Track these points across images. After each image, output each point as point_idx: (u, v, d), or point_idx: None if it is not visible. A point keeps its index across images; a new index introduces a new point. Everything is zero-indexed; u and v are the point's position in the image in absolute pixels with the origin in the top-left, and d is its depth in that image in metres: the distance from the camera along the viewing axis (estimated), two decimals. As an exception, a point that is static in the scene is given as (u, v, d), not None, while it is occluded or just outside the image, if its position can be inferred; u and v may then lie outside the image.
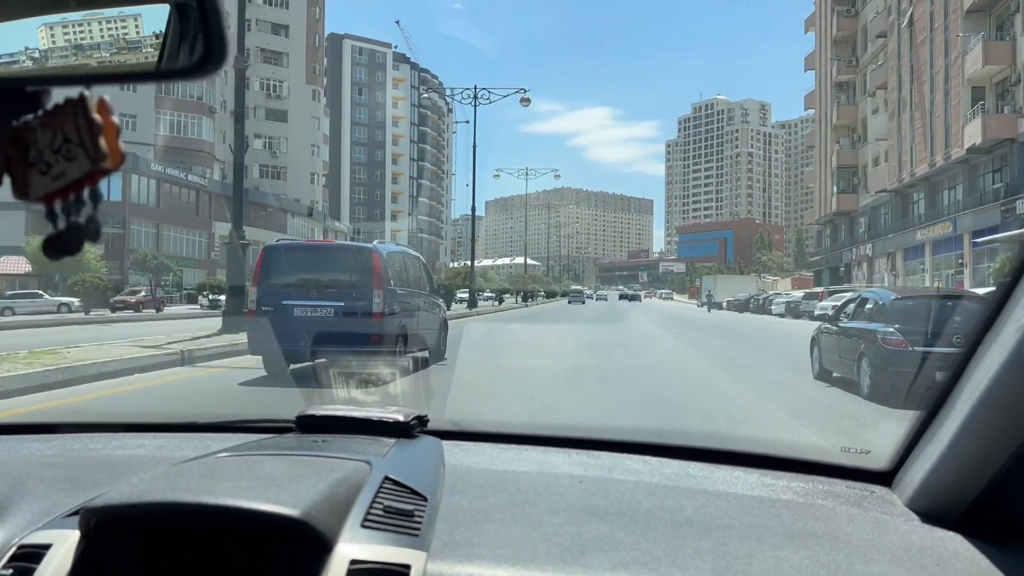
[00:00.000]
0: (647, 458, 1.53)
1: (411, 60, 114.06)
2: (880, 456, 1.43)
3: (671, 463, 1.49)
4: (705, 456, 1.54)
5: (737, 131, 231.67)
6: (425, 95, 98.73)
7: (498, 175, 58.70)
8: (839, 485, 1.39)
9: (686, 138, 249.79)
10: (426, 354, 10.98)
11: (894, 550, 1.09)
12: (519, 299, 64.32)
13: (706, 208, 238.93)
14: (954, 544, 1.08)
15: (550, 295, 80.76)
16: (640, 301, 75.28)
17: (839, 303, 13.68)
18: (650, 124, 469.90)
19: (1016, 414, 1.01)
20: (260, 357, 9.66)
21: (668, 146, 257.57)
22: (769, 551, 1.04)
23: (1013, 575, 0.99)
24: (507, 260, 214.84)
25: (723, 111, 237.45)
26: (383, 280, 9.52)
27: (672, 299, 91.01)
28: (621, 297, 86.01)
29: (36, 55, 0.74)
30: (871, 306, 9.56)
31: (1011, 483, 1.07)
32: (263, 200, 61.16)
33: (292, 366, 9.48)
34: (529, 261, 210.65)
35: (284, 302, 9.50)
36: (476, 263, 39.50)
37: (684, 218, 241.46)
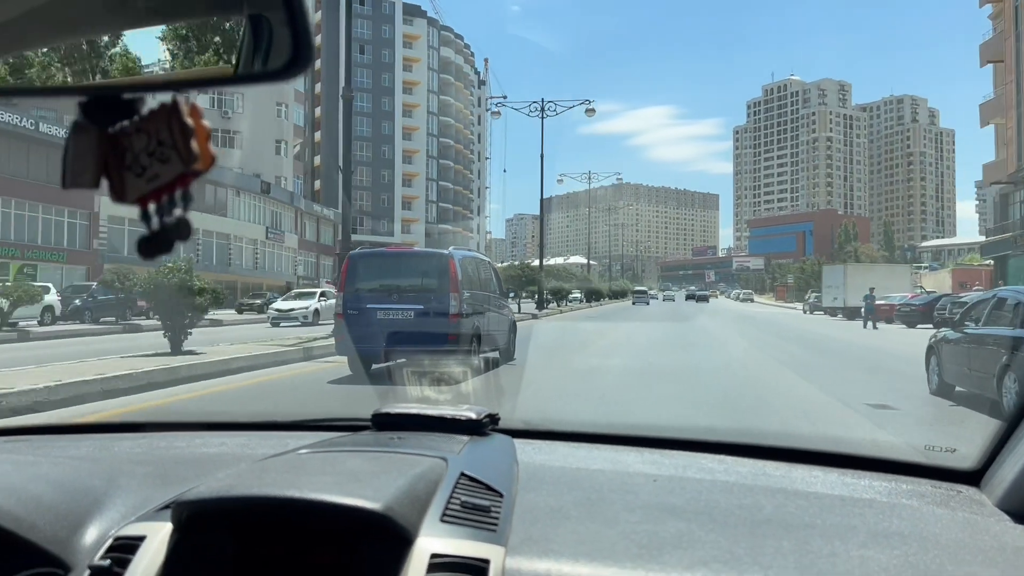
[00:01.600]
0: (722, 457, 1.58)
1: (429, 15, 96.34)
2: (966, 455, 1.46)
3: (747, 462, 1.54)
4: (781, 455, 1.58)
5: (814, 114, 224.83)
6: (453, 58, 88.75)
7: (562, 180, 58.51)
8: (924, 484, 1.40)
9: (756, 124, 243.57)
10: (496, 354, 12.04)
11: (987, 551, 1.09)
12: (583, 299, 62.48)
13: (780, 200, 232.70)
14: None
15: (614, 295, 77.06)
16: (707, 302, 73.60)
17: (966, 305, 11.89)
18: (712, 122, 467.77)
19: None
20: (346, 357, 10.83)
21: (736, 132, 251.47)
22: (854, 550, 1.05)
23: None
24: (560, 259, 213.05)
25: (797, 92, 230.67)
26: (459, 284, 10.54)
27: (752, 300, 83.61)
28: (687, 297, 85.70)
29: (130, 65, 0.81)
30: (1014, 307, 8.51)
31: None
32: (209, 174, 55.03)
33: (375, 366, 10.44)
34: (583, 260, 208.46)
35: (368, 306, 10.64)
36: (528, 263, 40.72)
37: (755, 211, 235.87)
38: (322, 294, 31.01)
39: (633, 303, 63.46)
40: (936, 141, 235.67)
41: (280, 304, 30.90)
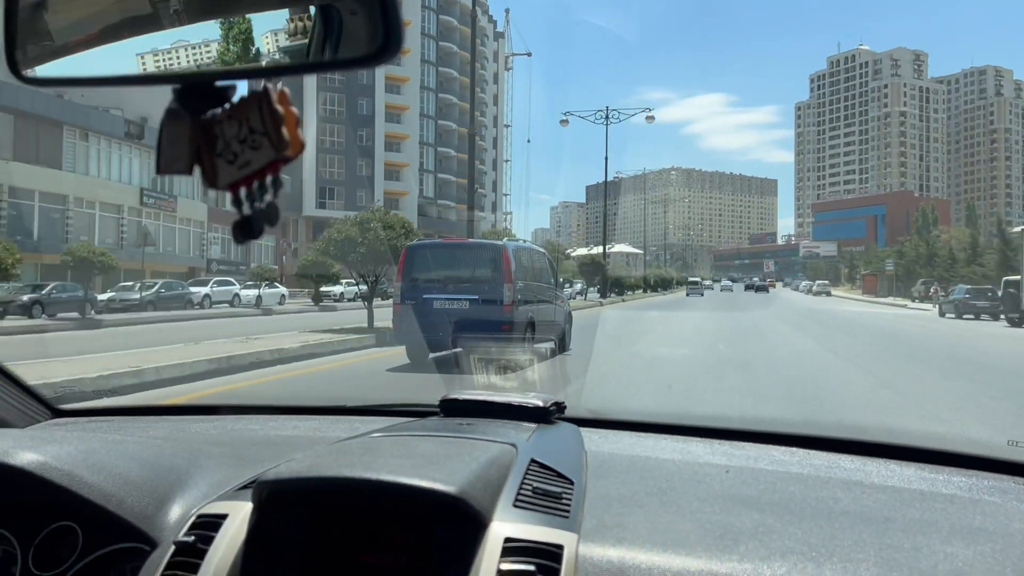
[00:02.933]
0: (794, 449, 1.56)
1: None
2: None
3: (820, 455, 1.53)
4: (855, 448, 1.56)
5: (886, 86, 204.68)
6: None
7: (566, 121, 51.78)
8: (1006, 481, 1.38)
9: (820, 99, 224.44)
10: (554, 343, 12.28)
11: None
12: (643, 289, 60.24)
13: (847, 182, 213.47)
14: None
15: (654, 286, 70.49)
16: (767, 292, 72.24)
17: None
18: (768, 109, 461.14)
19: None
20: (404, 346, 11.48)
21: (798, 109, 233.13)
22: (937, 545, 1.04)
23: None
24: (612, 248, 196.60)
25: (867, 63, 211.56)
26: (512, 274, 11.04)
27: (829, 293, 70.99)
28: (747, 287, 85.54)
29: (222, 53, 0.82)
30: None
31: None
32: (34, 108, 35.50)
33: (432, 354, 10.94)
34: (630, 249, 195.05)
35: (425, 296, 11.13)
36: (571, 252, 38.94)
37: (819, 194, 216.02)
38: (267, 284, 26.12)
39: (687, 294, 62.33)
40: (1023, 116, 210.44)
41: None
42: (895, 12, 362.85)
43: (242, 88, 0.75)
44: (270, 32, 0.80)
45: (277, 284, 36.96)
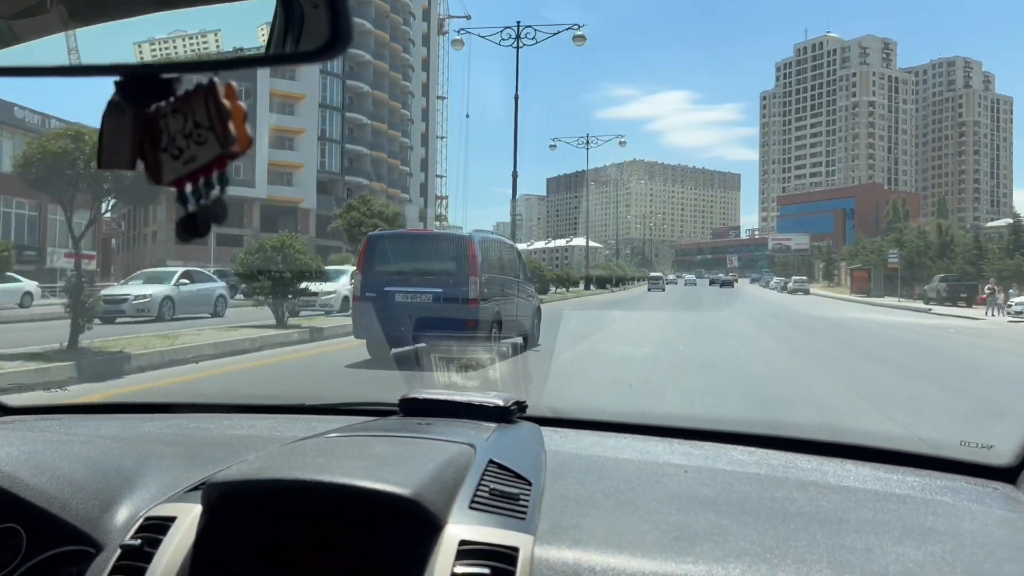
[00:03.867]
0: (752, 449, 1.57)
1: None
2: (1003, 452, 1.45)
3: (778, 455, 1.54)
4: (813, 448, 1.58)
5: (854, 75, 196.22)
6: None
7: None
8: (958, 481, 1.40)
9: (786, 88, 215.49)
10: (521, 340, 11.79)
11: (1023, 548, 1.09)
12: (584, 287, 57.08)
13: (813, 174, 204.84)
14: None
15: (606, 282, 66.34)
16: (732, 287, 71.50)
17: None
18: (731, 107, 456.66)
19: None
20: (364, 341, 11.00)
21: (764, 98, 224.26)
22: (888, 546, 1.05)
23: None
24: (563, 242, 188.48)
25: (835, 51, 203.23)
26: (478, 267, 10.46)
27: (808, 291, 60.70)
28: (712, 283, 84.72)
29: (167, 45, 0.80)
30: None
31: None
32: None
33: (394, 350, 10.31)
34: (593, 244, 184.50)
35: (386, 288, 10.51)
36: (526, 246, 35.29)
37: (784, 187, 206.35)
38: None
39: (649, 289, 62.83)
40: (992, 109, 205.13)
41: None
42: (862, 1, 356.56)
43: (187, 81, 0.73)
44: (216, 25, 0.80)
45: (19, 278, 24.17)
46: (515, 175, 34.77)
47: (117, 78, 0.75)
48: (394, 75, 72.95)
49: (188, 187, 0.73)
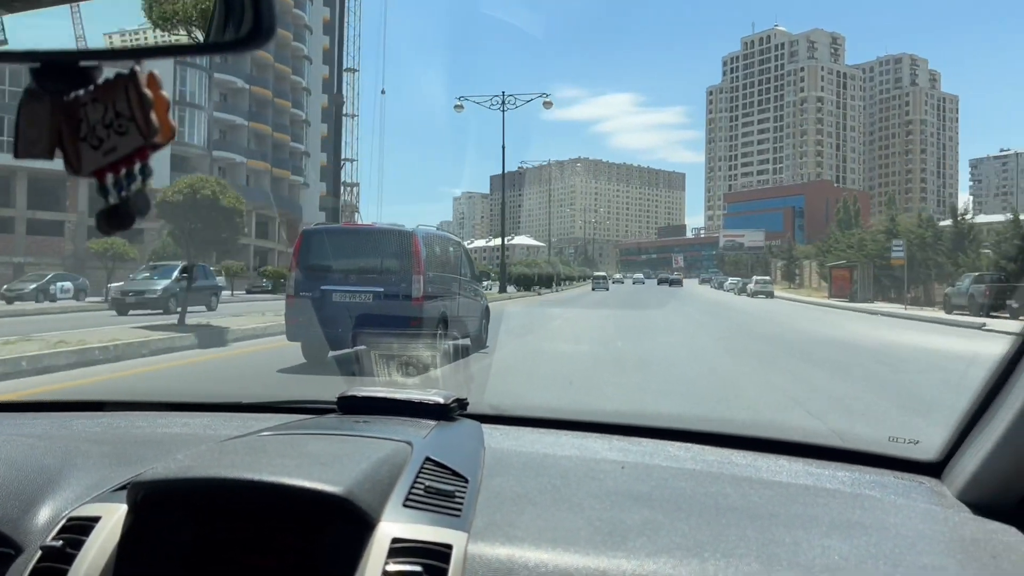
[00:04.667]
0: (689, 445, 1.59)
1: None
2: (929, 447, 1.49)
3: (714, 451, 1.57)
4: (748, 444, 1.61)
5: (802, 69, 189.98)
6: None
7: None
8: (887, 475, 1.44)
9: (733, 82, 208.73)
10: (467, 342, 11.28)
11: (946, 541, 1.13)
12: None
13: (760, 171, 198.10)
14: (1008, 536, 1.11)
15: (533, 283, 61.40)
16: (681, 286, 71.27)
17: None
18: (676, 110, 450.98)
19: None
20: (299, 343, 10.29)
21: (710, 93, 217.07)
22: (816, 540, 1.07)
23: None
24: (511, 239, 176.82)
25: (783, 45, 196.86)
26: (423, 264, 9.93)
27: (772, 294, 50.76)
28: (660, 282, 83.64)
29: (87, 31, 0.77)
30: None
31: None
32: None
33: (331, 353, 9.83)
34: (531, 241, 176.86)
35: (323, 287, 9.87)
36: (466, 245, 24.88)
37: (731, 185, 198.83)
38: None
39: (593, 288, 60.83)
40: (938, 108, 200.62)
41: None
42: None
43: (108, 70, 0.71)
44: (138, 12, 0.79)
45: None
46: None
47: (34, 65, 0.72)
48: (283, 33, 60.73)
49: (109, 178, 0.71)
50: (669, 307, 29.61)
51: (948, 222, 41.43)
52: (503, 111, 40.72)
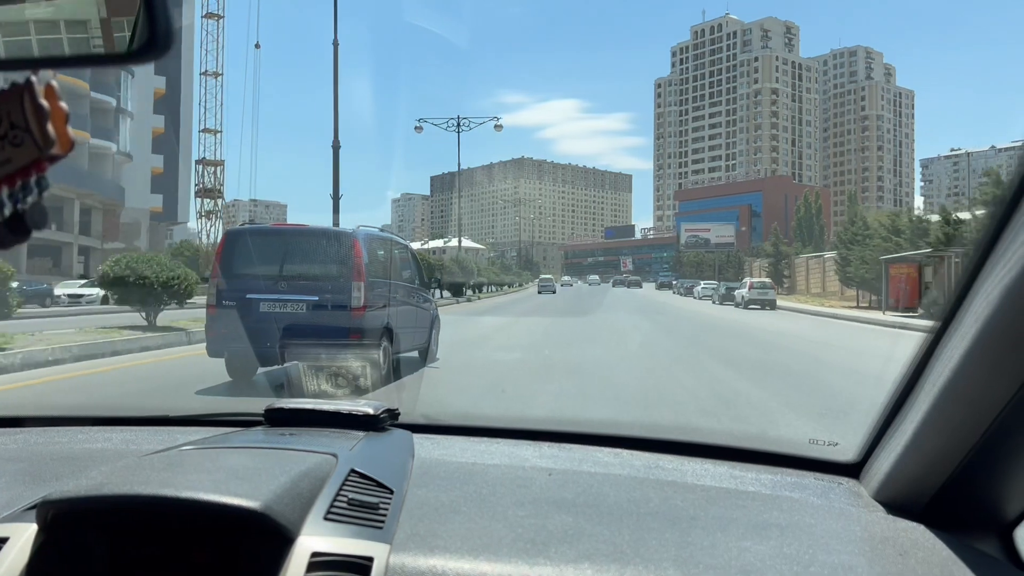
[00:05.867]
0: (618, 451, 1.62)
1: None
2: (848, 448, 1.52)
3: (642, 455, 1.59)
4: (676, 449, 1.64)
5: (756, 59, 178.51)
6: None
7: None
8: (807, 477, 1.48)
9: (683, 74, 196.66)
10: (415, 355, 10.97)
11: (857, 540, 1.17)
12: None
13: (712, 168, 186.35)
14: (916, 534, 1.15)
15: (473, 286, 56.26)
16: (640, 288, 68.59)
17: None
18: (620, 116, 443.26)
19: (976, 406, 1.06)
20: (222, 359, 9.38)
21: (658, 86, 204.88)
22: (733, 542, 1.09)
23: (971, 564, 1.06)
24: (440, 242, 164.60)
25: (735, 33, 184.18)
26: (364, 270, 9.05)
27: (775, 305, 36.34)
28: (616, 283, 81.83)
29: None
30: None
31: (972, 474, 1.13)
32: None
33: (261, 369, 9.19)
34: (468, 243, 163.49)
35: (248, 296, 8.96)
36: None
37: (681, 183, 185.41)
38: None
39: (539, 292, 59.13)
40: (894, 103, 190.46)
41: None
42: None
43: (1, 79, 0.69)
44: (34, 21, 0.76)
45: None
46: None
47: None
48: None
49: (4, 191, 0.68)
50: (634, 334, 19.30)
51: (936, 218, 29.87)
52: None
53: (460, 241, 59.13)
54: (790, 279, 56.83)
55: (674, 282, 73.75)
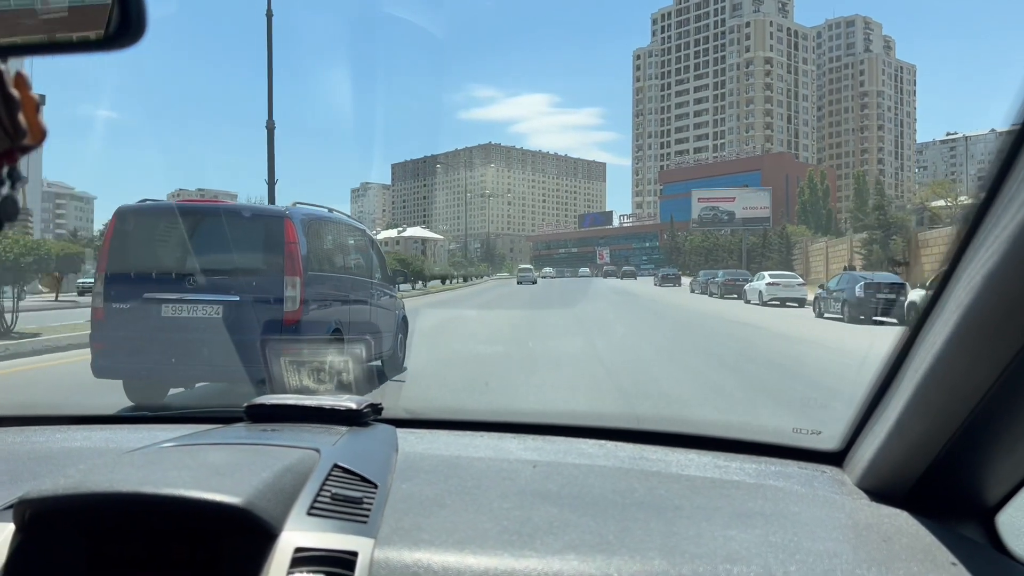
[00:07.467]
0: (603, 442, 1.63)
1: None
2: (831, 436, 1.53)
3: (626, 447, 1.60)
4: (661, 439, 1.65)
5: (748, 24, 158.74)
6: None
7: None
8: (791, 466, 1.50)
9: (665, 43, 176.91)
10: (378, 363, 9.13)
11: (841, 528, 1.18)
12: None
13: (698, 148, 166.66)
14: (899, 521, 1.17)
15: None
16: (635, 279, 66.01)
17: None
18: (590, 111, 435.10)
19: (957, 393, 1.06)
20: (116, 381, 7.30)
21: (638, 57, 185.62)
22: (718, 531, 1.11)
23: (954, 549, 1.07)
24: (394, 232, 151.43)
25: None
26: (302, 261, 7.09)
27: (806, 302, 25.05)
28: (606, 276, 79.40)
29: None
30: None
31: (954, 460, 1.14)
32: None
33: (171, 391, 7.47)
34: (427, 233, 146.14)
35: (146, 295, 6.99)
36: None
37: (663, 164, 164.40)
38: None
39: (519, 283, 57.98)
40: (895, 79, 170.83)
41: None
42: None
43: None
44: (2, 9, 0.76)
45: None
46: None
47: None
48: None
49: None
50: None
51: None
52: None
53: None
54: (803, 267, 46.32)
55: (673, 275, 53.87)
